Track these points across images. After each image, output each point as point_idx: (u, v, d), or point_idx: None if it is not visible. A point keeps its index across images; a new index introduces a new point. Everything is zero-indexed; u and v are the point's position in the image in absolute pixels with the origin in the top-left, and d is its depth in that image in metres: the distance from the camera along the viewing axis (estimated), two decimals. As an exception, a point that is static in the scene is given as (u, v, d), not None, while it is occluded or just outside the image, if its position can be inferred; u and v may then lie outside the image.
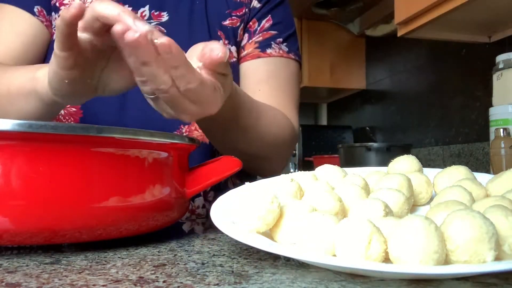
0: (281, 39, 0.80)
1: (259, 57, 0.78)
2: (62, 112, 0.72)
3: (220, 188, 0.79)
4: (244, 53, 0.79)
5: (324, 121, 3.19)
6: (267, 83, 0.77)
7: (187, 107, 0.46)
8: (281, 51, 0.79)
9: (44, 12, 0.74)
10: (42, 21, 0.73)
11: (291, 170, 2.50)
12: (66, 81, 0.46)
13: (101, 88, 0.50)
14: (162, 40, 0.40)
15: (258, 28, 0.80)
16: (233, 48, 0.79)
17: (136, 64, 0.41)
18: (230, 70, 0.50)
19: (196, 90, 0.44)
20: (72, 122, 0.72)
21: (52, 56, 0.46)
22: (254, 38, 0.80)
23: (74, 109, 0.72)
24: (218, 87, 0.47)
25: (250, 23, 0.80)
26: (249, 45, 0.79)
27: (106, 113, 0.72)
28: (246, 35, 0.80)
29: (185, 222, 0.66)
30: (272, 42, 0.79)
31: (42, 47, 0.75)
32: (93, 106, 0.72)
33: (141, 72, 0.42)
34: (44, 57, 0.77)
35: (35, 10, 0.73)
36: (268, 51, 0.79)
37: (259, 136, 0.69)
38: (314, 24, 2.62)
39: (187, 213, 0.75)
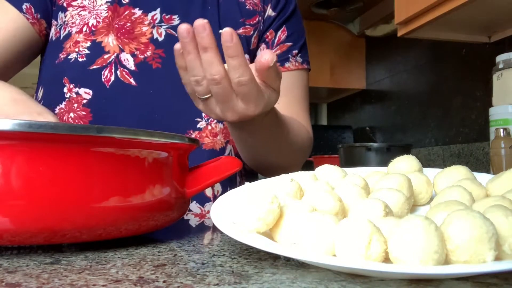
0: (296, 51, 0.83)
1: None
2: (72, 115, 0.73)
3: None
4: None
5: (324, 121, 3.19)
6: (284, 96, 0.80)
7: (234, 104, 0.50)
8: (297, 64, 0.82)
9: (33, 9, 0.74)
10: (28, 18, 0.74)
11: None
12: None
13: None
14: (226, 28, 0.46)
15: (276, 40, 0.82)
16: (246, 56, 0.80)
17: (195, 54, 0.47)
18: (278, 86, 0.53)
19: (246, 86, 0.48)
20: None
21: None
22: (273, 51, 0.81)
23: (83, 113, 0.73)
24: (264, 93, 0.51)
25: (267, 33, 0.82)
26: None
27: (116, 117, 0.72)
28: (264, 46, 0.82)
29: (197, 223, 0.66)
30: (289, 56, 0.82)
31: (23, 44, 0.75)
32: (103, 110, 0.72)
33: (198, 64, 0.47)
34: (28, 55, 0.77)
35: (23, 7, 0.73)
36: (287, 65, 0.82)
37: (287, 148, 0.72)
38: (314, 24, 2.62)
39: (197, 217, 0.75)
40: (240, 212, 0.36)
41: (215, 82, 0.47)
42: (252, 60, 0.82)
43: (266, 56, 0.47)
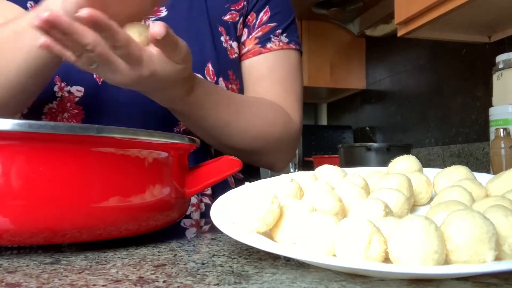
0: (280, 31, 0.79)
1: (260, 53, 0.77)
2: (66, 115, 0.72)
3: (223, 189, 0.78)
4: (245, 49, 0.79)
5: (324, 121, 3.19)
6: (267, 78, 0.77)
7: (118, 65, 0.49)
8: (281, 43, 0.78)
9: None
10: None
11: (291, 170, 2.50)
12: None
13: None
14: (83, 10, 0.45)
15: (257, 22, 0.79)
16: (234, 44, 0.78)
17: (60, 38, 0.47)
18: (181, 60, 0.52)
19: (122, 49, 0.48)
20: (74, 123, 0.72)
21: None
22: (253, 34, 0.79)
23: (76, 111, 0.72)
24: (153, 57, 0.51)
25: (249, 16, 0.79)
26: (250, 41, 0.79)
27: (109, 113, 0.72)
28: (246, 30, 0.79)
29: (188, 228, 0.65)
30: (271, 36, 0.78)
31: None
32: (96, 107, 0.72)
33: (67, 44, 0.47)
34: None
35: (28, 5, 0.73)
36: (268, 45, 0.78)
37: (242, 130, 0.68)
38: (314, 24, 2.62)
39: (193, 207, 0.75)
40: (240, 212, 0.36)
41: (90, 52, 0.48)
42: (239, 46, 0.79)
43: (155, 28, 0.47)
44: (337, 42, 2.66)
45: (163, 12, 0.76)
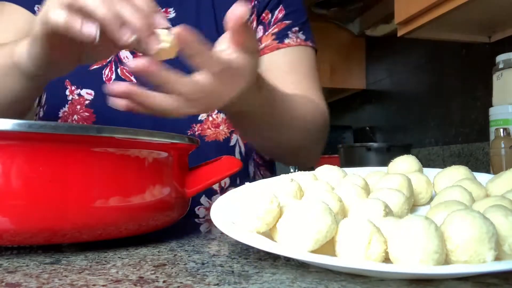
0: (296, 28, 0.79)
1: (278, 48, 0.78)
2: (76, 117, 0.73)
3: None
4: (261, 46, 0.79)
5: (324, 121, 3.19)
6: (290, 73, 0.77)
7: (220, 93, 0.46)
8: (298, 40, 0.79)
9: None
10: None
11: (291, 170, 2.49)
12: (50, 61, 0.48)
13: (84, 59, 0.51)
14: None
15: (272, 20, 0.79)
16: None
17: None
18: (257, 48, 0.49)
19: (227, 66, 0.44)
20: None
21: (33, 38, 0.46)
22: (270, 30, 0.78)
23: (87, 114, 0.72)
24: (245, 63, 0.46)
25: (263, 14, 0.80)
26: (266, 38, 0.79)
27: (119, 116, 0.72)
28: (261, 27, 0.80)
29: (203, 223, 0.65)
30: (288, 32, 0.79)
31: None
32: (106, 110, 0.72)
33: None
34: None
35: (36, 8, 0.74)
36: (286, 41, 0.78)
37: (299, 125, 0.68)
38: (314, 24, 2.60)
39: (205, 211, 0.75)
40: (240, 212, 0.36)
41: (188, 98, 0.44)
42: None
43: (238, 9, 0.41)
44: (337, 42, 2.66)
45: (172, 13, 0.76)
